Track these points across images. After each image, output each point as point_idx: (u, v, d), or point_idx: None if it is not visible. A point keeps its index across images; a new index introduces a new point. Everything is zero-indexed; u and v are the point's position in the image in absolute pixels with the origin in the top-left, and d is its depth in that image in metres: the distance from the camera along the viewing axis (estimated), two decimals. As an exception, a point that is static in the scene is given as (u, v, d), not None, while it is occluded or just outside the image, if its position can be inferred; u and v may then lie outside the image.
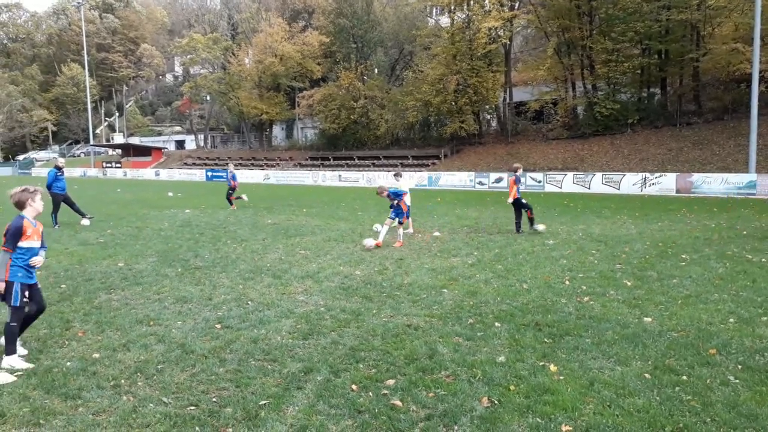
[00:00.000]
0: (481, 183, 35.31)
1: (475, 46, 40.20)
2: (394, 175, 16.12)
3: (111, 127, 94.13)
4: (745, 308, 7.17)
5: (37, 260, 5.66)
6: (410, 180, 17.42)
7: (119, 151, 77.80)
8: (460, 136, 42.99)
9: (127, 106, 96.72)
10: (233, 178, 23.05)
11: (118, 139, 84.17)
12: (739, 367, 5.22)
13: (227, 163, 29.51)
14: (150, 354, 5.76)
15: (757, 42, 25.76)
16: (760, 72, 27.37)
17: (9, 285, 5.45)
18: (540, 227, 14.53)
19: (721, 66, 32.66)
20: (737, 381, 4.90)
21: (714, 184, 27.08)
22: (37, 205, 5.73)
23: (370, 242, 12.22)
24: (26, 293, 5.54)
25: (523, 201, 14.48)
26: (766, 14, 28.35)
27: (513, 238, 13.49)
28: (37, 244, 5.69)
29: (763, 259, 10.39)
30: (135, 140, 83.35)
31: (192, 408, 4.57)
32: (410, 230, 14.70)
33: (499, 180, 34.48)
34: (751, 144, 26.70)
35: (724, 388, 4.77)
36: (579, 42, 38.23)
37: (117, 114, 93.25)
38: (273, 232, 14.92)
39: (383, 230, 12.86)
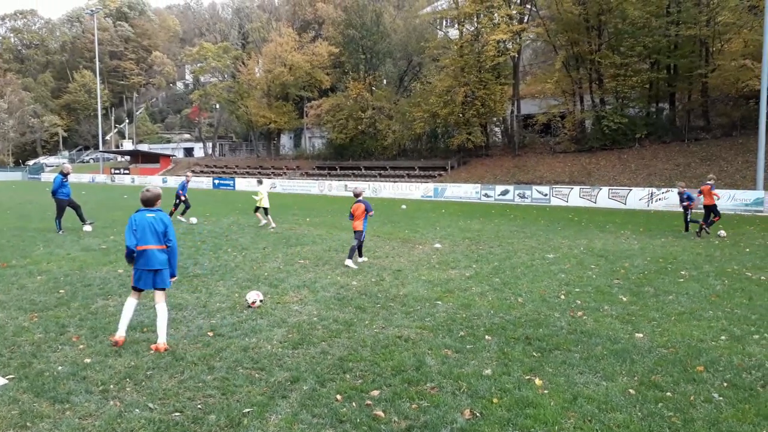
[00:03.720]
0: (487, 195, 35.30)
1: (484, 58, 40.32)
2: (257, 181, 19.08)
3: (121, 134, 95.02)
4: (738, 326, 7.14)
5: None
6: (268, 186, 19.68)
7: (128, 157, 78.44)
8: (467, 147, 43.03)
9: (138, 113, 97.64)
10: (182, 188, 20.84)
11: (128, 145, 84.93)
12: (725, 384, 5.21)
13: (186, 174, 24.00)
14: (141, 360, 5.83)
15: (766, 58, 25.69)
16: (769, 89, 27.28)
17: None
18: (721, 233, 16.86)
19: (730, 82, 32.55)
20: (721, 398, 4.89)
21: (721, 200, 26.81)
22: None
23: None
24: None
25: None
26: (775, 31, 28.31)
27: (513, 251, 13.50)
28: None
29: (763, 277, 10.35)
30: (144, 147, 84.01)
31: (177, 414, 4.63)
32: (272, 225, 17.82)
33: (505, 192, 34.49)
34: (759, 161, 26.57)
35: (707, 405, 4.77)
36: (587, 56, 38.27)
37: (127, 121, 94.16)
38: (274, 240, 15.00)
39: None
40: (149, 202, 6.37)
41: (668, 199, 28.25)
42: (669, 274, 10.69)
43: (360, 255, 12.02)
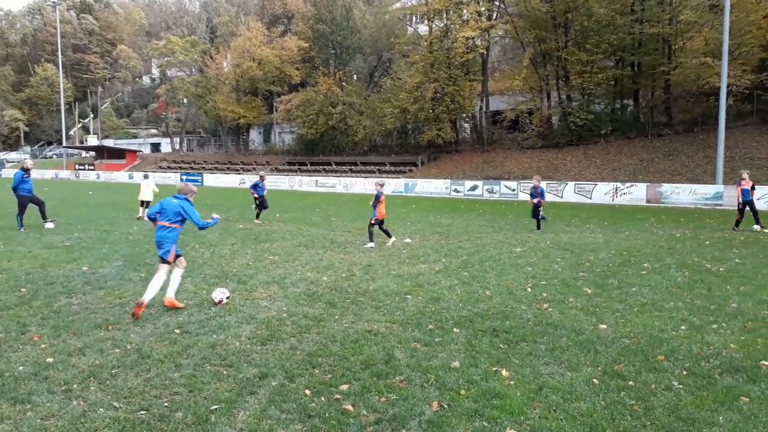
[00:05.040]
0: (456, 190, 35.56)
1: (453, 54, 40.56)
2: (144, 176, 20.84)
3: (85, 129, 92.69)
4: (698, 316, 7.36)
5: None
6: (153, 183, 20.46)
7: (93, 153, 76.67)
8: (437, 143, 43.29)
9: (102, 107, 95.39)
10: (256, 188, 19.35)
11: (92, 141, 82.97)
12: (684, 372, 5.38)
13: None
14: (105, 358, 5.73)
15: (725, 56, 26.43)
16: (728, 86, 28.07)
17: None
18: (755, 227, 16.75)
19: (692, 79, 33.40)
20: (680, 386, 5.04)
21: (683, 194, 27.68)
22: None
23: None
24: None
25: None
26: (735, 30, 29.13)
27: (482, 245, 13.64)
28: None
29: (721, 269, 10.67)
30: (109, 142, 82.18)
31: (143, 413, 4.57)
32: (141, 216, 18.91)
33: (474, 188, 34.80)
34: (718, 156, 27.34)
35: (667, 393, 4.91)
36: (554, 53, 38.82)
37: (91, 116, 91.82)
38: (243, 237, 14.87)
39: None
40: (181, 191, 8.06)
41: (632, 194, 28.90)
42: (632, 266, 10.94)
43: (389, 236, 14.05)
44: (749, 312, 7.54)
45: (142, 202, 19.72)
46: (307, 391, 4.94)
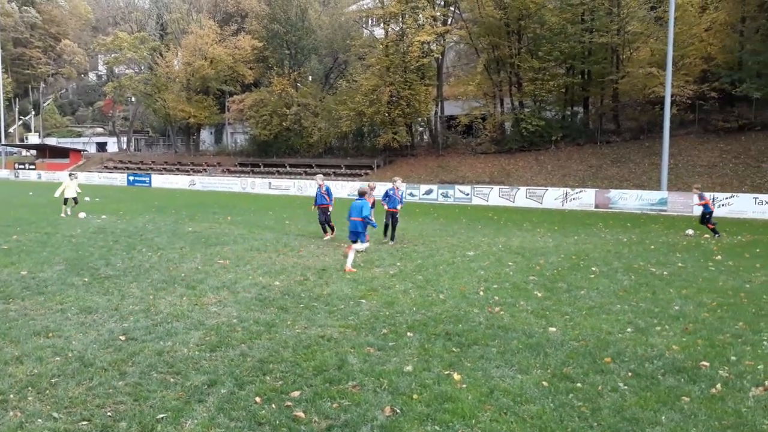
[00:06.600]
0: (411, 194, 35.71)
1: (409, 59, 40.82)
2: (69, 174, 21.48)
3: (26, 127, 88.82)
4: (643, 318, 7.60)
5: None
6: (75, 184, 21.00)
7: (34, 151, 73.57)
8: (393, 147, 43.45)
9: (45, 104, 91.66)
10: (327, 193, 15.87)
11: (33, 139, 79.45)
12: (630, 374, 5.53)
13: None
14: (45, 367, 5.48)
15: (670, 67, 27.51)
16: (672, 96, 29.22)
17: None
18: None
19: (638, 88, 34.67)
20: (626, 387, 5.19)
21: (630, 200, 28.61)
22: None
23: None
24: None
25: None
26: (678, 41, 30.40)
27: (436, 249, 13.74)
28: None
29: (665, 272, 11.07)
30: (52, 141, 78.93)
31: (84, 423, 4.39)
32: (66, 214, 19.48)
33: (429, 192, 35.07)
34: (663, 163, 28.40)
35: (613, 394, 5.04)
36: (508, 59, 39.57)
37: (33, 113, 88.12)
38: (192, 240, 14.51)
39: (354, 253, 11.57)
40: (361, 194, 11.78)
41: (582, 199, 29.69)
42: (581, 270, 11.22)
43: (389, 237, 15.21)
44: (690, 314, 7.83)
45: (66, 200, 20.25)
46: (258, 399, 4.84)
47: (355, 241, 11.29)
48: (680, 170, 30.97)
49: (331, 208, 15.73)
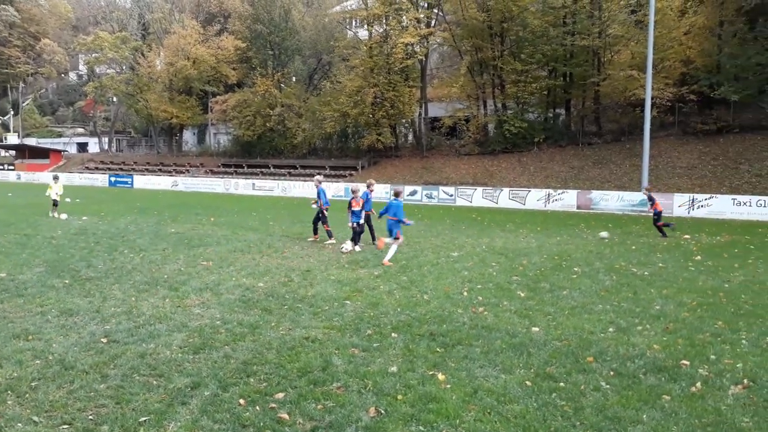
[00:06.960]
0: (395, 195, 35.74)
1: (393, 60, 40.86)
2: (54, 177, 21.84)
3: (5, 127, 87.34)
4: (624, 318, 7.69)
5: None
6: (59, 185, 21.04)
7: (13, 152, 72.40)
8: (377, 148, 43.45)
9: (24, 104, 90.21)
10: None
11: (12, 139, 78.14)
12: (612, 373, 5.60)
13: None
14: (24, 370, 5.41)
15: (650, 70, 27.86)
16: (653, 98, 29.57)
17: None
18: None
19: (619, 91, 35.03)
20: (608, 386, 5.25)
21: (611, 201, 28.94)
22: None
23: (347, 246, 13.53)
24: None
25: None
26: (658, 45, 30.80)
27: (420, 250, 13.77)
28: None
29: (646, 273, 11.21)
30: (32, 141, 77.72)
31: (65, 427, 4.34)
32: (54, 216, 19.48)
33: (413, 193, 35.13)
34: (643, 164, 28.72)
35: (595, 393, 5.10)
36: (491, 62, 39.78)
37: (12, 113, 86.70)
38: (175, 241, 14.39)
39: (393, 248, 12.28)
40: (396, 195, 12.93)
41: (564, 200, 29.96)
42: (563, 270, 11.32)
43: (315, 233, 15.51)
44: (671, 314, 7.94)
45: (55, 201, 20.37)
46: (242, 401, 4.82)
47: (392, 236, 12.14)
48: (660, 172, 31.37)
49: (326, 212, 15.55)
